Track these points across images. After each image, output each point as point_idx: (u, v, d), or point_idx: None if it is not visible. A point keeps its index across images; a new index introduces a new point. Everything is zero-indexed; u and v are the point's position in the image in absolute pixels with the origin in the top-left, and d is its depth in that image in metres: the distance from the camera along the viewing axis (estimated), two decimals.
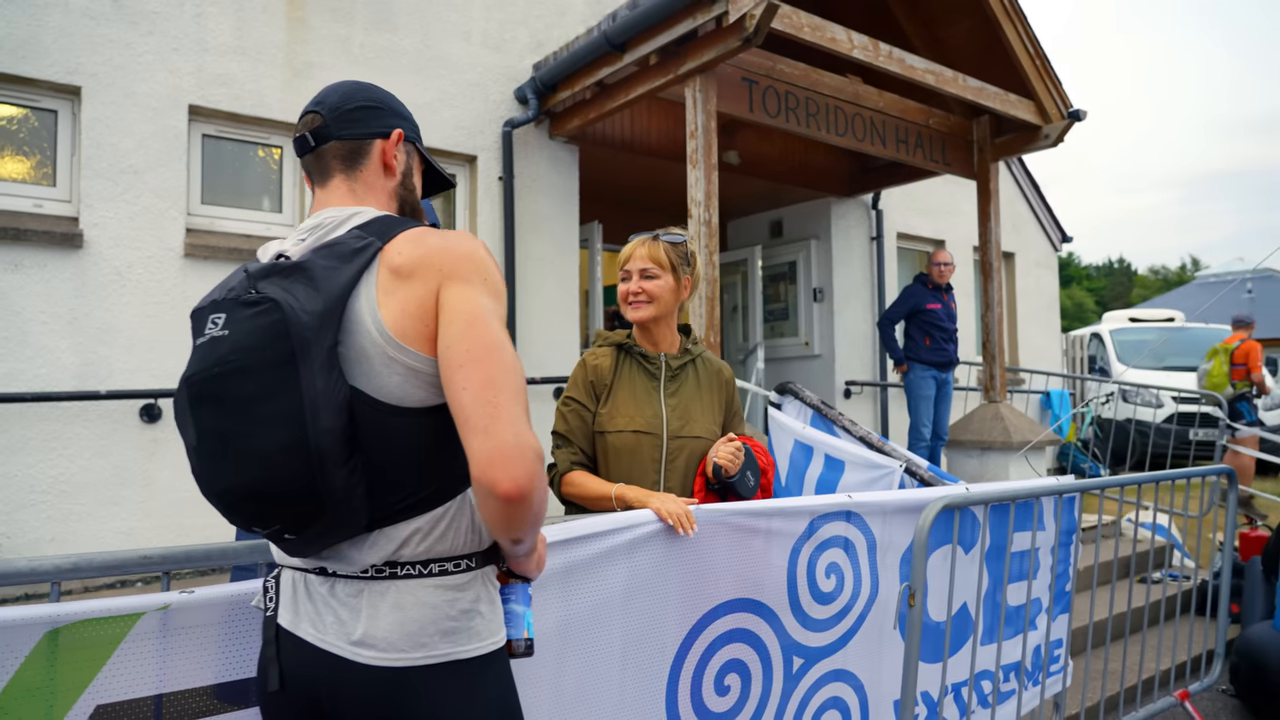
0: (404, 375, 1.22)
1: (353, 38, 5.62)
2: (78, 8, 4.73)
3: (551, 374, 6.23)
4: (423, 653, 1.24)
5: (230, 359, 1.18)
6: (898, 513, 2.68)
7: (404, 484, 1.25)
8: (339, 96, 1.44)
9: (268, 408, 1.16)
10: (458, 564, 1.29)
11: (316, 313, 1.18)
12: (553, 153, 6.44)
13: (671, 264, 2.39)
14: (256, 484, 1.18)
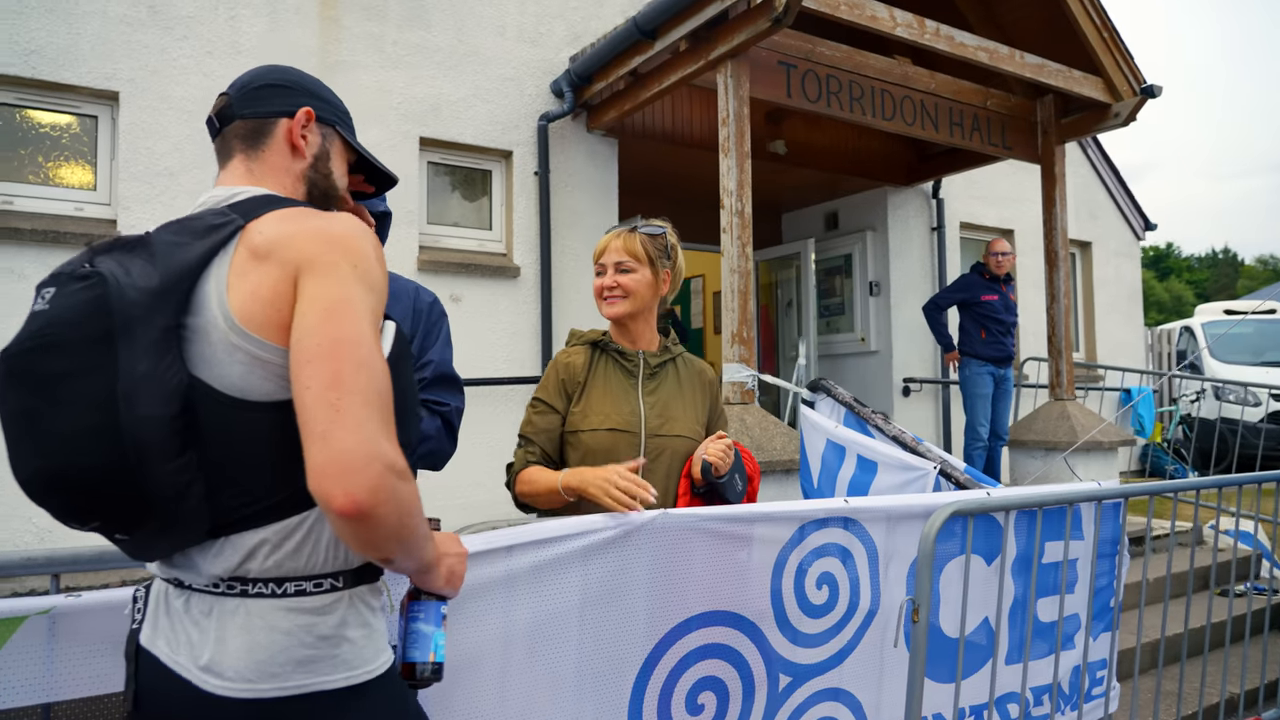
0: (247, 365, 1.10)
1: (385, 35, 5.61)
2: (115, 15, 4.83)
3: None
4: (273, 684, 1.11)
5: (45, 333, 1.08)
6: (905, 520, 2.45)
7: (250, 487, 1.13)
8: (250, 75, 1.37)
9: (74, 386, 1.05)
10: (318, 584, 1.16)
11: (149, 290, 1.08)
12: (590, 146, 6.33)
13: (649, 257, 2.22)
14: (58, 470, 1.06)
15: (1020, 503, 2.59)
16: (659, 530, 2.03)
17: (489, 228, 6.10)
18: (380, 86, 5.57)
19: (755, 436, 4.62)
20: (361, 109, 5.50)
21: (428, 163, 5.86)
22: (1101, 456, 6.18)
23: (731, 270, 4.90)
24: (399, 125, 5.62)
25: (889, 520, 2.44)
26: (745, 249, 4.91)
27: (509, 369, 5.86)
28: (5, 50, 4.56)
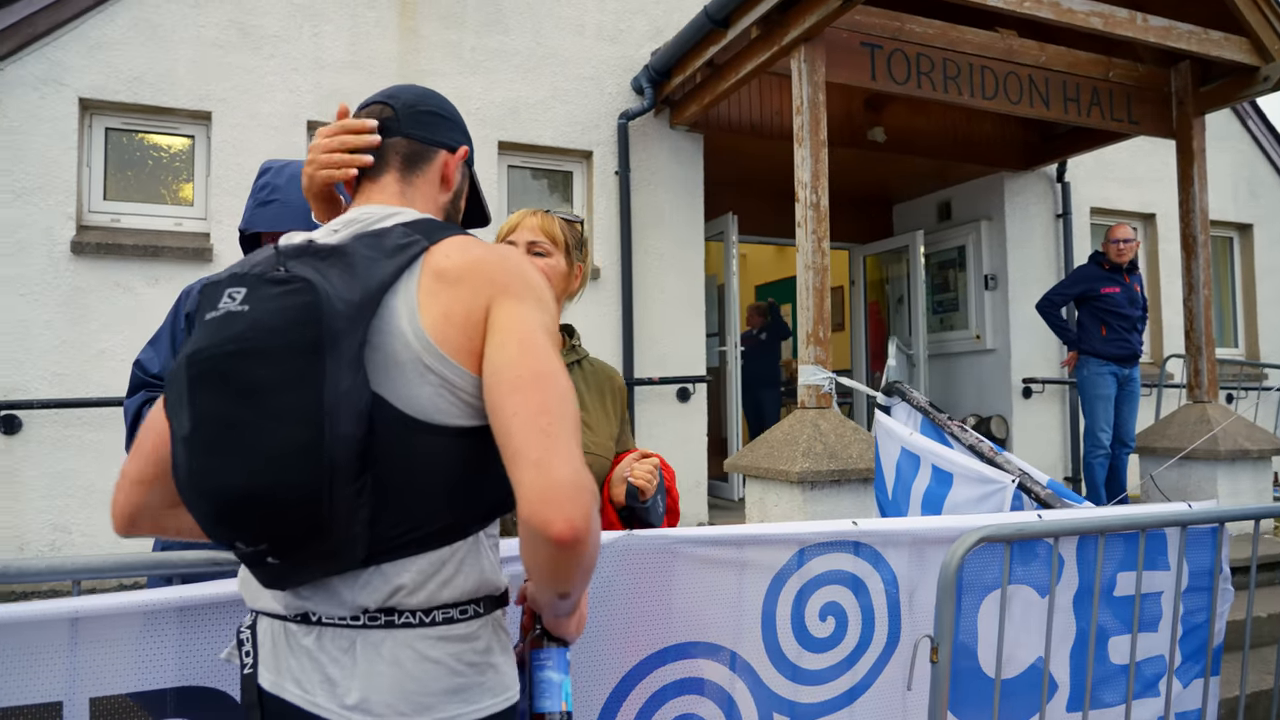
0: (437, 387, 1.08)
1: (464, 42, 5.66)
2: (208, 39, 5.09)
3: (673, 373, 5.97)
4: (426, 716, 1.07)
5: (248, 337, 1.03)
6: (936, 545, 2.16)
7: (415, 513, 1.09)
8: (413, 95, 1.36)
9: (283, 400, 1.01)
10: (463, 610, 1.12)
11: (353, 303, 1.05)
12: (674, 143, 6.17)
13: (565, 244, 1.94)
14: (260, 488, 1.01)
15: (1075, 527, 2.25)
16: (626, 552, 1.85)
17: None
18: (459, 92, 5.62)
19: (830, 444, 4.33)
20: None
21: (507, 166, 5.88)
22: (1250, 467, 5.45)
23: (806, 266, 4.62)
24: (477, 130, 5.65)
25: (914, 545, 2.17)
26: (821, 243, 4.61)
27: None
28: (111, 78, 4.89)
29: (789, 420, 4.62)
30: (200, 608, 1.57)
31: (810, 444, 4.32)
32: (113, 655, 1.52)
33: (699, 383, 6.06)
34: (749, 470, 4.58)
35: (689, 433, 6.07)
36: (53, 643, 1.50)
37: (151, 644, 1.55)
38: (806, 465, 4.19)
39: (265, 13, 5.23)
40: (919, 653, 2.04)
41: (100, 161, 4.97)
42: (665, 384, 5.91)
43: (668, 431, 5.97)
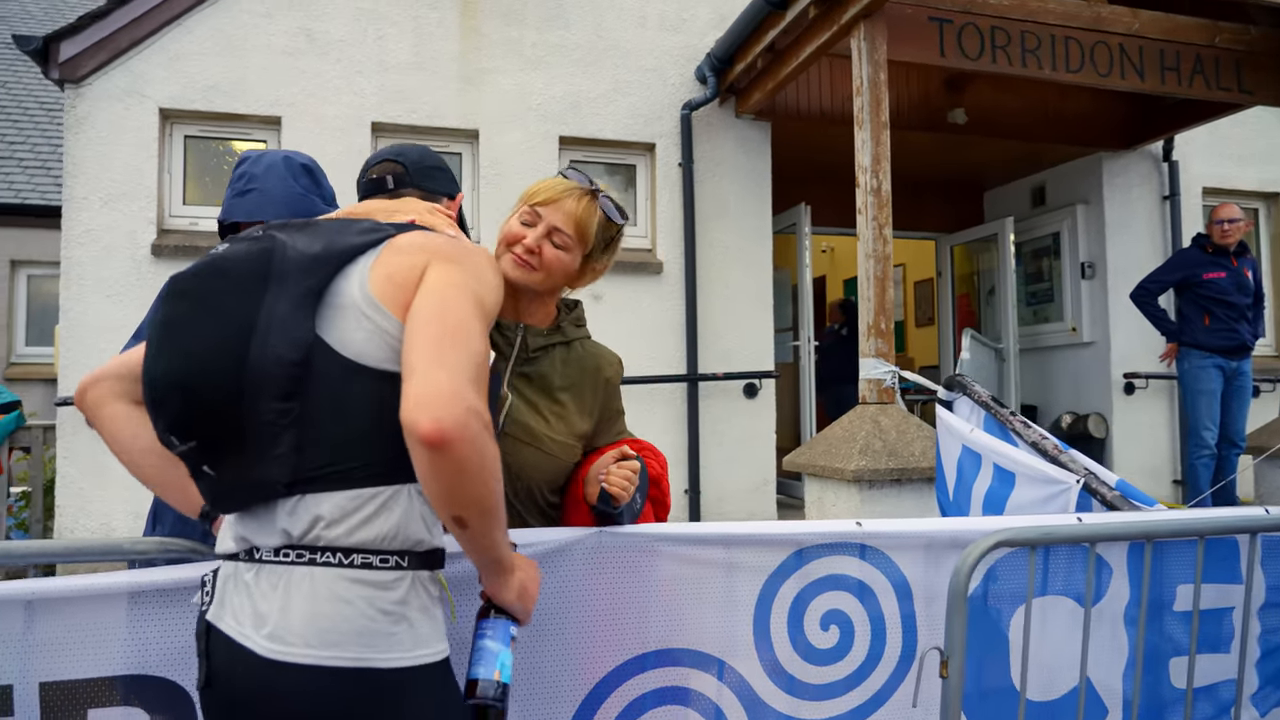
0: (369, 332, 1.21)
1: (524, 39, 5.66)
2: (278, 46, 5.26)
3: (738, 368, 5.81)
4: (332, 652, 1.15)
5: (216, 263, 1.23)
6: (952, 550, 1.97)
7: (338, 448, 1.19)
8: (418, 153, 1.66)
9: (224, 307, 1.19)
10: (384, 559, 1.20)
11: (308, 254, 1.22)
12: (739, 132, 6.00)
13: (592, 245, 1.73)
14: (187, 375, 1.17)
15: (1115, 532, 2.01)
16: (597, 550, 1.75)
17: (633, 223, 5.97)
18: (520, 89, 5.63)
19: (890, 441, 4.10)
20: (501, 113, 5.59)
21: (569, 162, 5.84)
22: None
23: (867, 255, 4.39)
24: (538, 126, 5.65)
25: (929, 550, 1.98)
26: (883, 230, 4.38)
27: (652, 367, 5.69)
28: (188, 88, 5.11)
29: (849, 416, 4.41)
30: (151, 594, 1.56)
31: (869, 441, 4.10)
32: (66, 640, 1.53)
33: (765, 378, 5.88)
34: (807, 468, 4.39)
35: (756, 430, 5.89)
36: (8, 626, 1.51)
37: (104, 629, 1.54)
38: (863, 463, 3.98)
39: (331, 18, 5.37)
40: (926, 666, 1.86)
41: (179, 168, 5.21)
42: (730, 380, 5.75)
43: (734, 428, 5.81)
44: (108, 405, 1.38)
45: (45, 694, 1.51)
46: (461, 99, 5.53)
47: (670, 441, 5.68)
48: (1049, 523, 2.02)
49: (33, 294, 8.76)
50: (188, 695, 1.56)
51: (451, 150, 5.64)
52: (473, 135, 5.61)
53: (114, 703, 1.54)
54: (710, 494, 5.71)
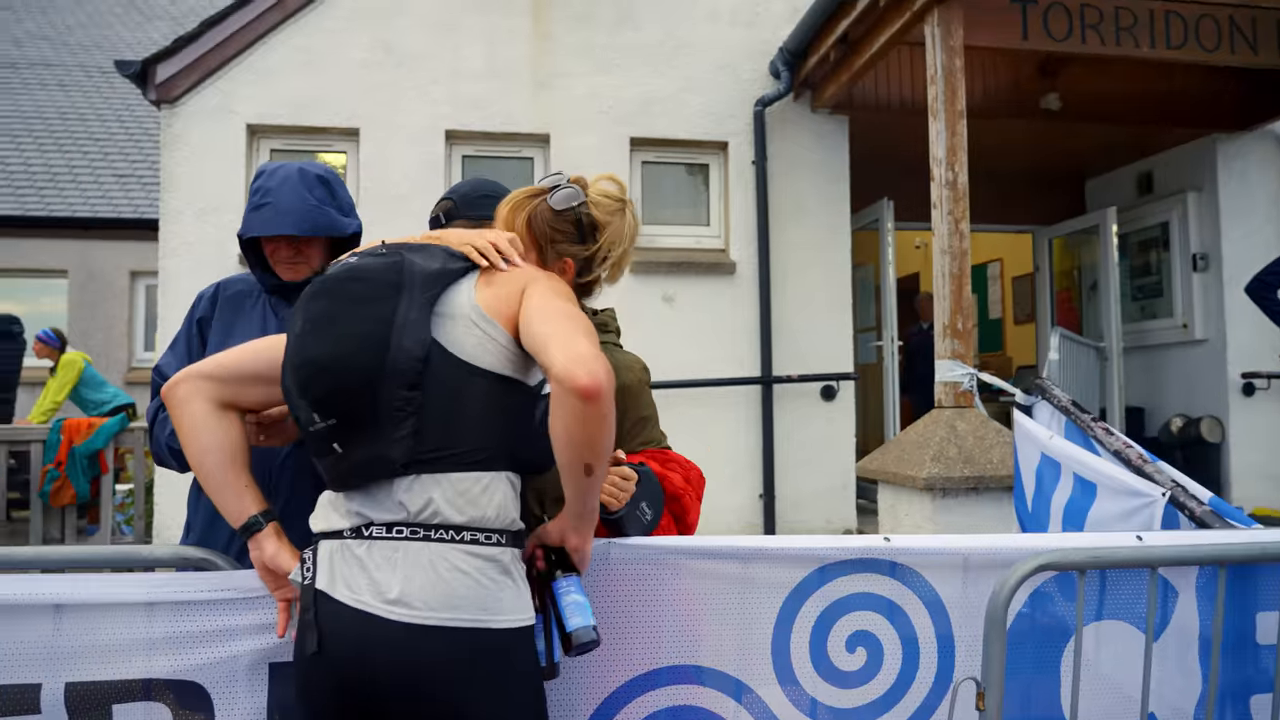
0: (479, 339, 1.41)
1: (595, 41, 5.67)
2: (357, 60, 5.43)
3: (814, 370, 5.65)
4: (455, 614, 1.32)
5: (354, 270, 1.44)
6: (991, 568, 1.84)
7: (451, 435, 1.38)
8: (468, 187, 1.98)
9: (369, 309, 1.39)
10: (488, 536, 1.38)
11: (428, 270, 1.44)
12: (815, 127, 5.85)
13: (535, 241, 1.65)
14: (337, 360, 1.36)
15: (1180, 556, 1.83)
16: (604, 561, 1.70)
17: (706, 223, 5.89)
18: (591, 92, 5.63)
19: (967, 447, 3.90)
20: (573, 117, 5.61)
21: (641, 163, 5.82)
22: None
23: (943, 251, 4.19)
24: (609, 129, 5.64)
25: (967, 569, 1.85)
26: (959, 225, 4.17)
27: (726, 369, 5.60)
28: (273, 104, 5.33)
29: (923, 421, 4.22)
30: (168, 600, 1.61)
31: (942, 447, 3.91)
32: (91, 643, 1.59)
33: (843, 380, 5.70)
34: (879, 475, 4.23)
35: (834, 433, 5.72)
36: (38, 628, 1.58)
37: (126, 632, 1.60)
38: (935, 470, 3.79)
39: (408, 31, 5.50)
40: (959, 698, 1.73)
41: None
42: (805, 382, 5.60)
43: (810, 432, 5.66)
44: (192, 402, 1.48)
45: (70, 693, 1.57)
46: (533, 104, 5.58)
47: (743, 445, 5.58)
48: (1102, 544, 1.85)
49: (150, 302, 9.36)
50: (205, 693, 1.60)
51: (524, 155, 5.70)
52: (544, 140, 5.65)
53: (136, 698, 1.59)
54: (785, 499, 5.58)
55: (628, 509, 1.68)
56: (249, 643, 1.60)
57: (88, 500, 4.91)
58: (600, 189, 1.72)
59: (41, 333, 6.51)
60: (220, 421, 1.49)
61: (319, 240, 1.99)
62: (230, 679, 1.60)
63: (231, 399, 1.50)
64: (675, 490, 1.88)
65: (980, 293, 9.64)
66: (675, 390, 5.50)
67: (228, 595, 1.59)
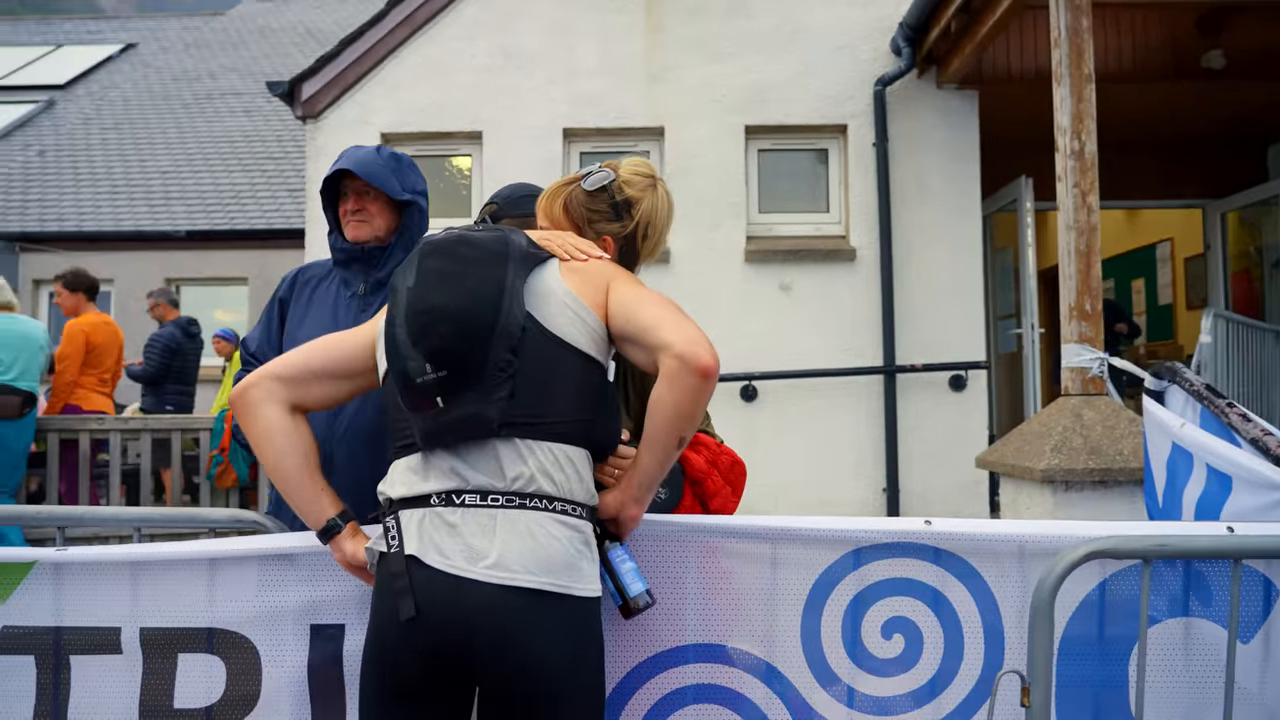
0: (570, 318, 1.49)
1: (708, 31, 5.65)
2: (479, 65, 5.67)
3: (941, 359, 5.39)
4: (549, 578, 1.39)
5: (464, 235, 1.52)
6: (1048, 558, 1.70)
7: (543, 404, 1.45)
8: (509, 190, 2.08)
9: (482, 270, 1.45)
10: (575, 508, 1.46)
11: (524, 248, 1.52)
12: (941, 104, 5.56)
13: (573, 223, 1.72)
14: (458, 308, 1.41)
15: (1266, 549, 1.63)
16: (632, 538, 1.71)
17: (825, 209, 5.74)
18: (704, 82, 5.62)
19: (1093, 437, 3.60)
20: (686, 107, 5.62)
21: (757, 151, 5.74)
22: None
23: (1068, 227, 3.89)
24: (723, 118, 5.61)
25: (1022, 557, 1.72)
26: (1086, 198, 3.85)
27: (846, 359, 5.44)
28: (404, 113, 5.66)
29: (1047, 410, 3.93)
30: (227, 559, 1.76)
31: (1066, 436, 3.63)
32: (160, 594, 1.77)
33: (974, 369, 5.39)
34: (997, 467, 3.98)
35: (965, 425, 5.43)
36: (118, 582, 1.78)
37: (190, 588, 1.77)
38: (1055, 462, 3.53)
39: (526, 34, 5.69)
40: (999, 691, 1.61)
41: None
42: (931, 371, 5.35)
43: (938, 424, 5.39)
44: (264, 407, 1.52)
45: (145, 637, 1.75)
46: (647, 98, 5.63)
47: (864, 436, 5.40)
48: (1165, 531, 1.68)
49: None
50: (254, 647, 1.74)
51: (639, 149, 5.76)
52: (658, 132, 5.69)
53: (199, 649, 1.75)
54: (911, 493, 5.35)
55: None
56: (293, 602, 1.73)
57: (247, 483, 5.39)
58: (630, 168, 1.79)
59: (221, 331, 7.22)
60: (292, 425, 1.53)
61: (380, 203, 2.08)
62: (277, 637, 1.73)
63: (299, 399, 1.54)
64: (696, 473, 1.85)
65: (1148, 276, 8.85)
66: (793, 380, 5.40)
67: (274, 553, 1.73)
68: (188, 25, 16.80)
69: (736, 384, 5.42)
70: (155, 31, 16.36)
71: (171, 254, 10.29)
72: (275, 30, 16.00)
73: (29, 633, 1.78)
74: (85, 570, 1.78)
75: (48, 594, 1.78)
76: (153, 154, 12.06)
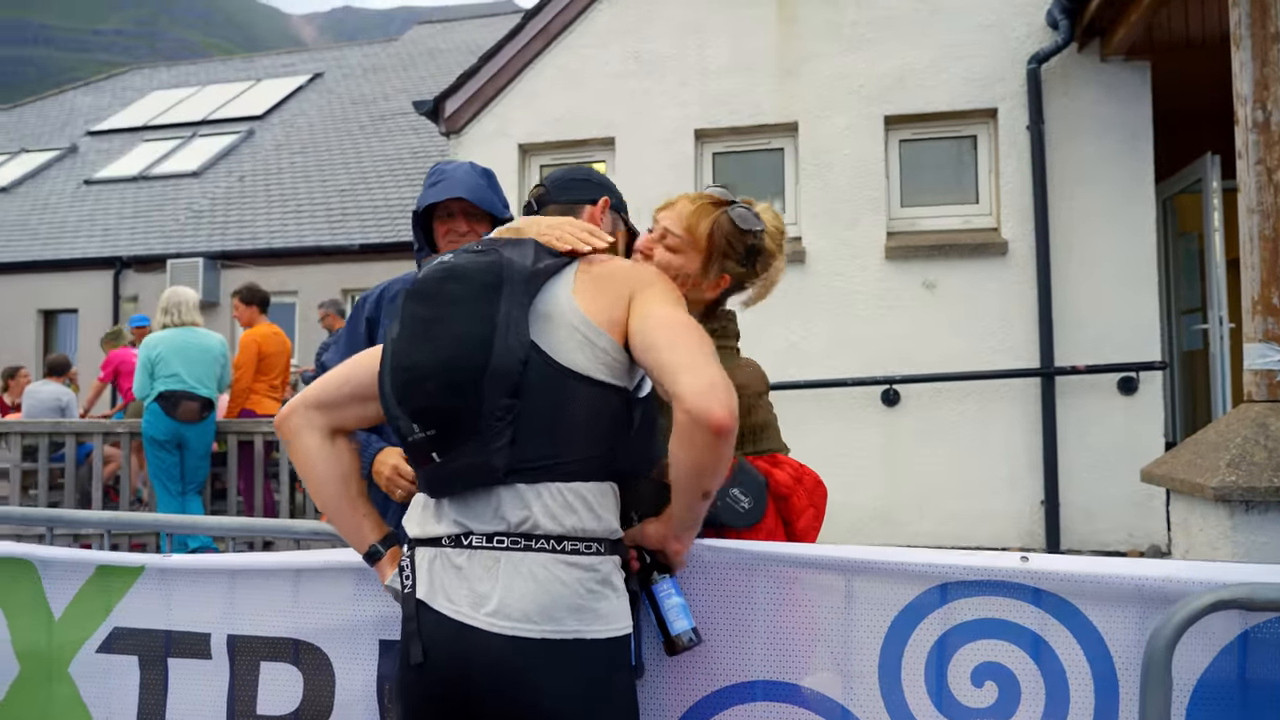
0: (580, 343, 1.37)
1: (843, 19, 5.41)
2: (611, 71, 5.70)
3: (1108, 359, 4.90)
4: (552, 626, 1.31)
5: (452, 269, 1.40)
6: (1169, 603, 1.47)
7: (552, 445, 1.34)
8: (560, 173, 1.86)
9: (470, 308, 1.34)
10: (589, 545, 1.36)
11: (525, 268, 1.39)
12: (1107, 78, 5.05)
13: (710, 248, 1.69)
14: (440, 363, 1.32)
15: None
16: (694, 563, 1.63)
17: (974, 200, 5.35)
18: (839, 73, 5.39)
19: (1276, 450, 3.14)
20: (821, 100, 5.42)
21: (899, 141, 5.44)
22: None
23: (1251, 209, 3.40)
24: (861, 109, 5.35)
25: (1143, 603, 1.50)
26: (1273, 176, 3.36)
27: (997, 360, 5.05)
28: (540, 123, 5.79)
29: (1226, 418, 3.46)
30: (312, 571, 1.83)
31: (1246, 449, 3.18)
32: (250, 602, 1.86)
33: (1147, 370, 4.86)
34: (1166, 481, 3.55)
35: (1137, 433, 4.90)
36: (215, 588, 1.88)
37: (274, 597, 1.85)
38: (1233, 478, 3.09)
39: (657, 37, 5.67)
40: None
41: None
42: (1095, 373, 4.87)
43: (1106, 431, 4.90)
44: (303, 435, 1.48)
45: (232, 644, 1.85)
46: (779, 93, 5.46)
47: (1020, 445, 4.99)
48: None
49: None
50: (328, 659, 1.80)
51: (773, 146, 5.60)
52: (792, 128, 5.51)
53: (280, 659, 1.83)
54: (1074, 507, 4.89)
55: (718, 495, 1.58)
56: (364, 616, 1.77)
57: None
58: (775, 222, 1.80)
59: None
60: (332, 452, 1.48)
61: (485, 224, 2.15)
62: (350, 649, 1.78)
63: (338, 424, 1.50)
64: (781, 489, 1.73)
65: None
66: (939, 385, 5.08)
67: (348, 567, 1.78)
68: (366, 52, 18.03)
69: (877, 388, 5.16)
70: (339, 60, 17.67)
71: (347, 266, 11.05)
72: (443, 51, 16.88)
73: (135, 634, 1.92)
74: (187, 577, 1.90)
75: (154, 598, 1.92)
76: (332, 173, 13.03)
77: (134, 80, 17.77)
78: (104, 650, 1.94)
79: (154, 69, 18.89)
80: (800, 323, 5.30)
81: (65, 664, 1.97)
